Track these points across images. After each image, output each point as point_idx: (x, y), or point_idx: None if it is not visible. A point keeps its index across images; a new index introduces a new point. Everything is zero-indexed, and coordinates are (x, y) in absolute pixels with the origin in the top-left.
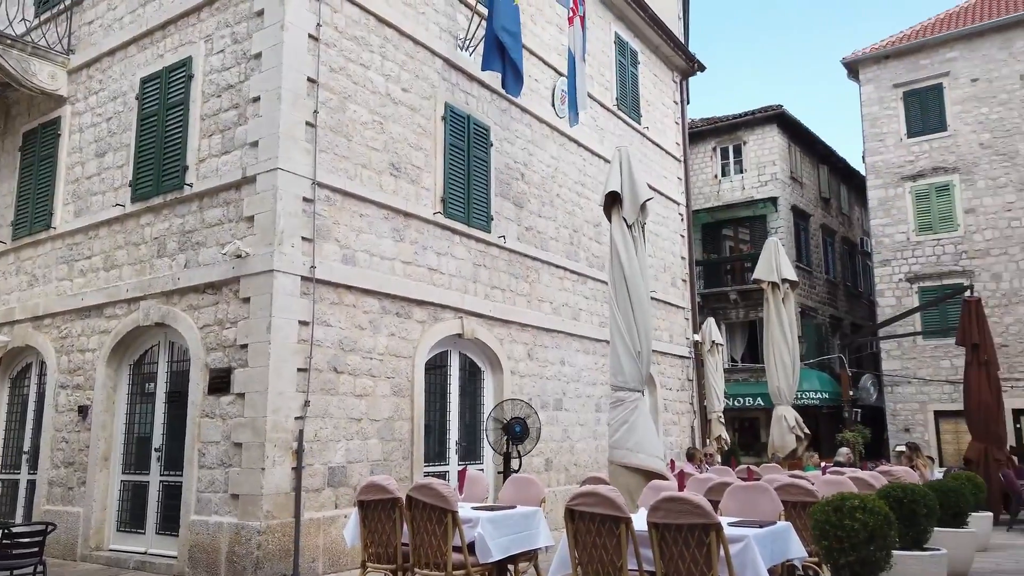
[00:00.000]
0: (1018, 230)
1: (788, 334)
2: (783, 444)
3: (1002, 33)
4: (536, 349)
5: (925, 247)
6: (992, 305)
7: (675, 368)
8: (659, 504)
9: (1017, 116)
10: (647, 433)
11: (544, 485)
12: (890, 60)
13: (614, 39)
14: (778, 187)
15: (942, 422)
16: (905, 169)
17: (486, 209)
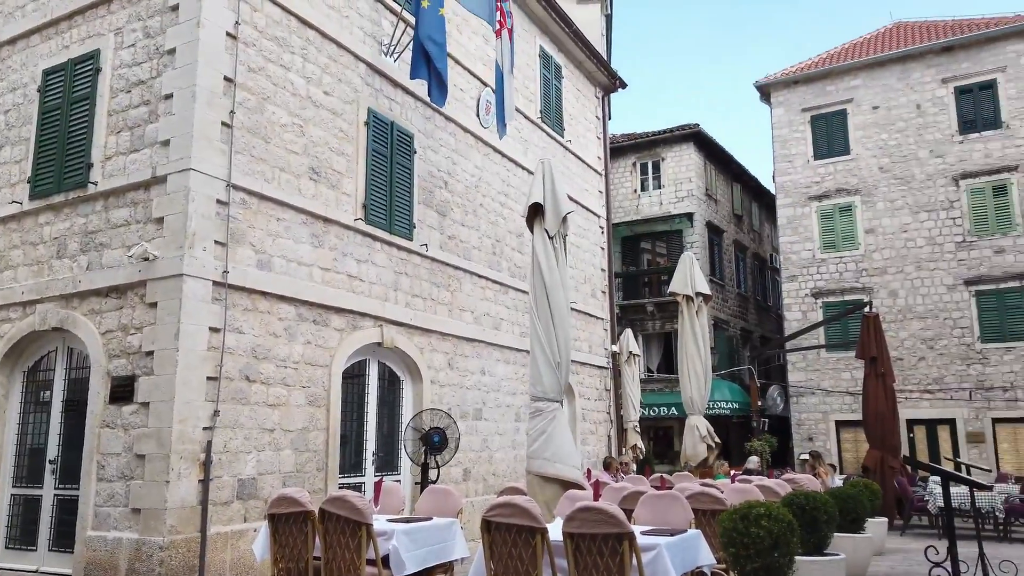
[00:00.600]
0: (913, 250)
1: (701, 346)
2: (695, 453)
3: (901, 64)
4: (457, 358)
5: (829, 264)
6: (889, 320)
7: (594, 378)
8: (575, 514)
9: (913, 143)
10: (565, 443)
11: (462, 496)
12: (799, 85)
13: (539, 52)
14: (694, 203)
15: (843, 431)
16: (812, 189)
17: (408, 217)
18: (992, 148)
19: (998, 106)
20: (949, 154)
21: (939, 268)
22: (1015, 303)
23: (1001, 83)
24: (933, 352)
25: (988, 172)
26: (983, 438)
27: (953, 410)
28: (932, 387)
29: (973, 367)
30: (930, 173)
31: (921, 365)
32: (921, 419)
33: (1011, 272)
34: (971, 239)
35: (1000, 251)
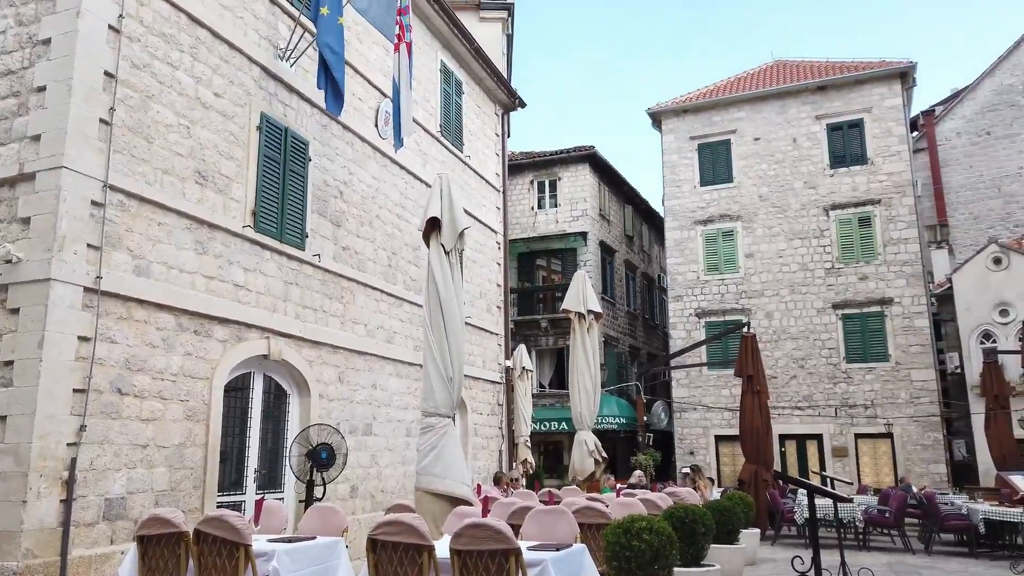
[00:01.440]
0: (787, 274)
1: (591, 362)
2: (583, 467)
3: (780, 100)
4: (348, 372)
5: (712, 285)
6: (765, 340)
7: (487, 393)
8: (462, 531)
9: (789, 174)
10: (455, 459)
11: (348, 513)
12: (688, 114)
13: (440, 67)
14: (588, 223)
15: (721, 445)
16: (698, 214)
17: (301, 226)
18: (859, 182)
19: (864, 143)
20: (821, 186)
21: (810, 292)
22: (876, 326)
23: (867, 122)
24: (804, 371)
25: (855, 204)
26: (847, 452)
27: (821, 426)
28: (802, 404)
29: (839, 385)
30: (804, 203)
31: (793, 383)
32: (792, 434)
33: (873, 298)
34: (839, 266)
35: (864, 278)
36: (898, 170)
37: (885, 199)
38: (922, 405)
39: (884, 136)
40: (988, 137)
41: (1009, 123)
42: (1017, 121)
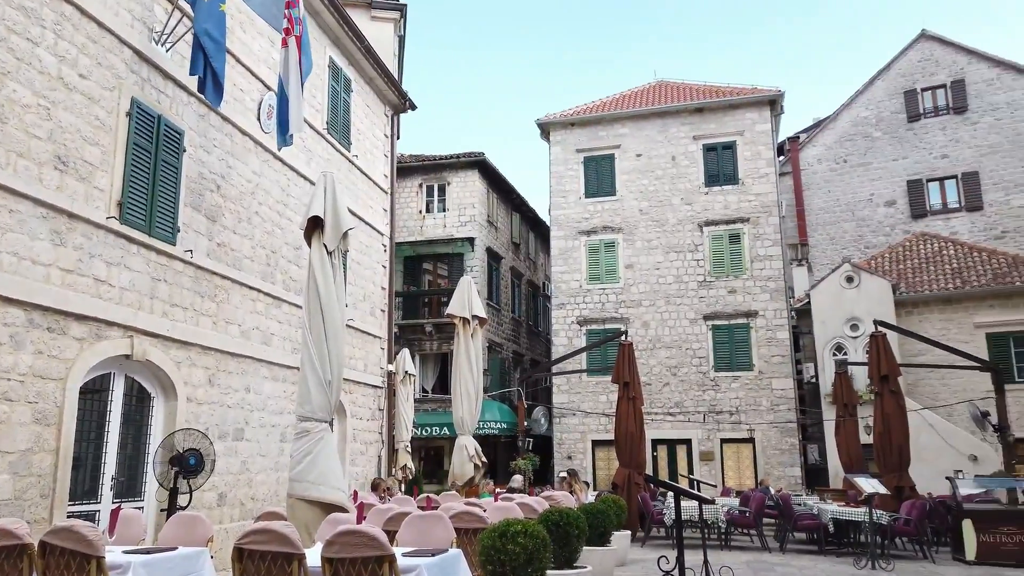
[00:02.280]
0: (663, 286)
1: (474, 367)
2: (463, 472)
3: (661, 119)
4: (219, 375)
5: (593, 294)
6: (641, 348)
7: (367, 397)
8: (335, 538)
9: (668, 190)
10: (331, 465)
11: (215, 522)
12: (575, 127)
13: (329, 63)
14: (476, 229)
15: (598, 450)
16: (582, 225)
17: (172, 219)
18: (730, 201)
19: (736, 165)
20: (696, 203)
21: (684, 303)
22: (742, 337)
23: (739, 145)
24: (676, 378)
25: (726, 221)
26: (713, 456)
27: (690, 431)
28: (674, 410)
29: (707, 392)
30: (680, 218)
31: (666, 390)
32: (664, 439)
33: (740, 310)
34: (710, 279)
35: (732, 291)
36: (765, 191)
37: (753, 218)
38: (781, 412)
39: (754, 159)
40: (845, 165)
41: (863, 153)
42: (870, 151)
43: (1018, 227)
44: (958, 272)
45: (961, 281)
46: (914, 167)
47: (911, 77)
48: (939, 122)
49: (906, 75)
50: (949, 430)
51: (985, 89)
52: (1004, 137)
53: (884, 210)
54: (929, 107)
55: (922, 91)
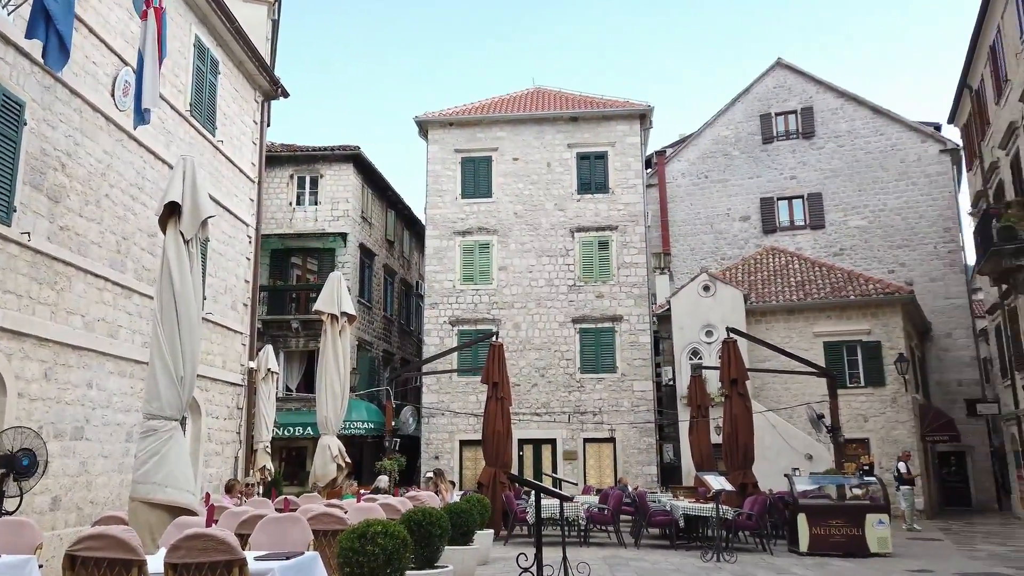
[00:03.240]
0: (536, 289)
1: (341, 365)
2: (325, 473)
3: (538, 125)
4: (57, 369)
5: (467, 295)
6: (512, 350)
7: (225, 395)
8: (180, 543)
9: (542, 195)
10: (180, 465)
11: (47, 528)
12: (454, 127)
13: (194, 42)
14: (349, 224)
15: (465, 450)
16: (457, 225)
17: (8, 198)
18: (600, 208)
19: (607, 174)
20: (569, 209)
21: (554, 306)
22: (607, 341)
23: (611, 155)
24: (544, 380)
25: (596, 228)
26: (576, 455)
27: (555, 431)
28: (541, 410)
29: (573, 394)
30: (553, 223)
31: (534, 391)
32: (530, 439)
33: (607, 314)
34: (580, 284)
35: (600, 296)
36: (634, 201)
37: (622, 226)
38: (640, 413)
39: (624, 169)
40: (706, 180)
41: (723, 170)
42: (728, 169)
43: (854, 245)
44: (801, 285)
45: (804, 293)
46: (767, 186)
47: (767, 102)
48: (790, 145)
49: (763, 99)
50: (789, 431)
51: (830, 117)
52: (844, 163)
53: (739, 224)
54: (782, 131)
55: (776, 115)
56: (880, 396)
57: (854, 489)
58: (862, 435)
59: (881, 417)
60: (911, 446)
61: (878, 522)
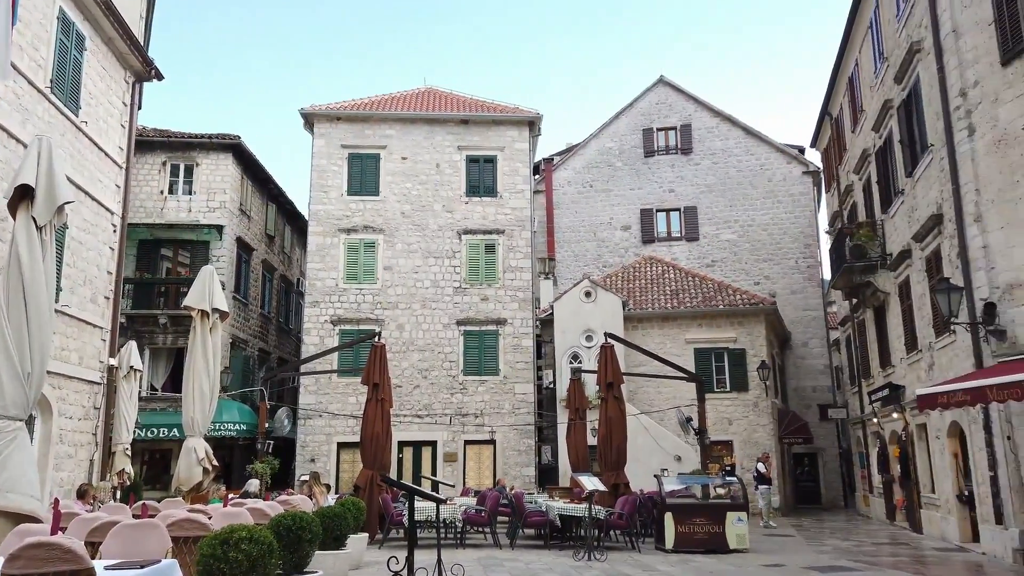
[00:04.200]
0: (421, 290)
1: (211, 364)
2: (189, 477)
3: (428, 125)
4: None
5: (350, 294)
6: (395, 351)
7: (81, 394)
8: (20, 552)
9: (431, 196)
10: (24, 469)
11: None
12: (342, 122)
13: (58, 14)
14: (226, 216)
15: (343, 452)
16: (342, 222)
17: None
18: (488, 212)
19: (496, 178)
20: (457, 211)
21: (439, 308)
22: (491, 343)
23: (500, 160)
24: (427, 381)
25: (483, 232)
26: (456, 457)
27: (436, 433)
28: (422, 412)
29: (456, 396)
30: (441, 225)
31: (416, 392)
32: (411, 441)
33: (491, 317)
34: (465, 286)
35: (485, 299)
36: (521, 206)
37: (508, 230)
38: (521, 415)
39: (512, 175)
40: (590, 189)
41: (606, 180)
42: (612, 179)
43: (724, 258)
44: (676, 294)
45: (677, 302)
46: (647, 197)
47: (649, 116)
48: (669, 160)
49: (645, 114)
50: (661, 433)
51: (707, 135)
52: (717, 179)
53: (621, 233)
54: (662, 145)
55: (657, 130)
56: (744, 400)
57: (718, 489)
58: (727, 437)
59: (744, 420)
60: (770, 448)
61: (737, 520)
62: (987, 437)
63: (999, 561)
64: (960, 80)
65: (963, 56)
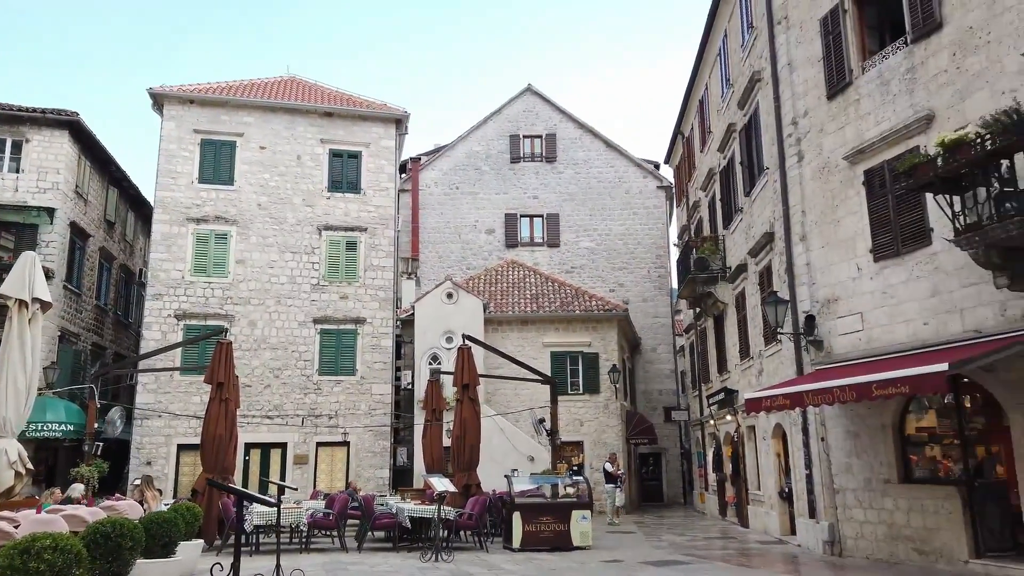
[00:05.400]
0: (276, 285)
1: (29, 359)
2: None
3: (290, 116)
4: None
5: (198, 287)
6: (245, 348)
7: None
8: None
9: (290, 188)
10: None
11: None
12: (195, 105)
13: None
14: (59, 198)
15: (183, 455)
16: (192, 211)
17: None
18: (351, 208)
19: (360, 175)
20: (318, 206)
21: (295, 305)
22: (349, 343)
23: (365, 156)
24: (279, 381)
25: (345, 228)
26: (307, 460)
27: (287, 435)
28: (272, 413)
29: (309, 396)
30: (300, 219)
31: (266, 392)
32: (259, 443)
33: (350, 316)
34: (324, 283)
35: (344, 297)
36: (385, 204)
37: (371, 228)
38: (377, 416)
39: (377, 172)
40: (457, 191)
41: (473, 183)
42: (479, 183)
43: (583, 264)
44: (535, 298)
45: (537, 306)
46: (512, 202)
47: (516, 123)
48: (534, 167)
49: (513, 121)
50: (516, 434)
51: (570, 145)
52: (579, 188)
53: (485, 237)
54: (528, 152)
55: (524, 137)
56: (595, 403)
57: (568, 488)
58: (579, 438)
59: (595, 422)
60: (617, 448)
61: (582, 518)
62: (804, 438)
63: (811, 552)
64: (793, 110)
65: (796, 88)
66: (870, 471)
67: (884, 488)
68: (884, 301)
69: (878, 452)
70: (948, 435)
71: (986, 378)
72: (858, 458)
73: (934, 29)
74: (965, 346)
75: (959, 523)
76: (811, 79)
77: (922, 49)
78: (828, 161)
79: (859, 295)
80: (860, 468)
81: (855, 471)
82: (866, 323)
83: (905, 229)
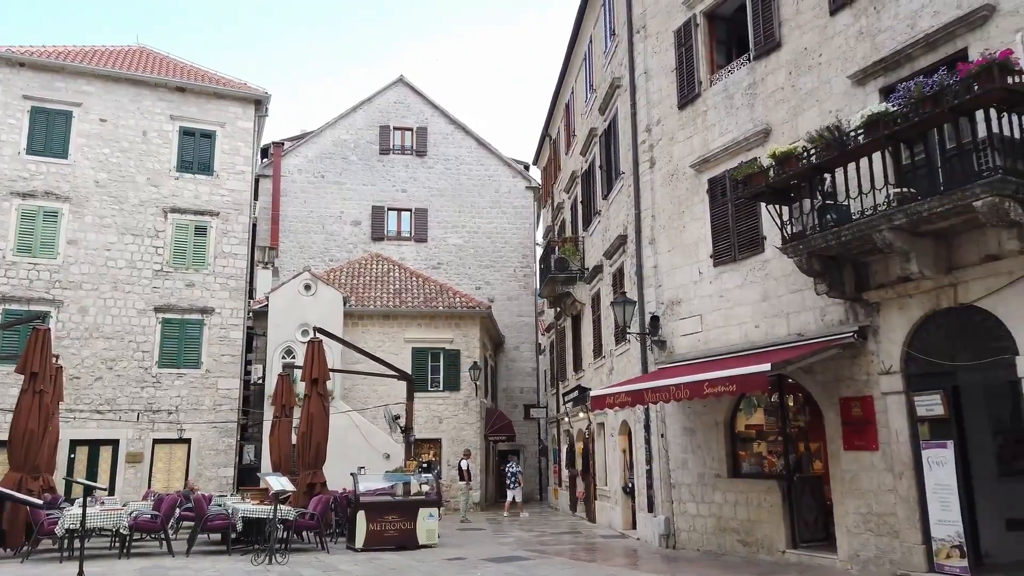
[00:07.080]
0: (113, 270)
1: None
2: None
3: (136, 88)
4: None
5: (21, 268)
6: (74, 337)
7: None
8: None
9: (134, 166)
10: None
11: None
12: (26, 69)
13: None
14: None
15: None
16: (17, 184)
17: None
18: (202, 191)
19: (213, 156)
20: (164, 186)
21: (134, 292)
22: (194, 334)
23: (219, 136)
24: (112, 373)
25: (195, 212)
26: (141, 458)
27: (120, 431)
28: (103, 407)
29: (147, 390)
30: (144, 200)
31: (97, 385)
32: (87, 439)
33: (196, 305)
34: (168, 270)
35: (191, 285)
36: (240, 188)
37: (224, 213)
38: (223, 412)
39: (233, 154)
40: (322, 180)
41: (339, 172)
42: (345, 172)
43: (450, 261)
44: (399, 293)
45: (399, 301)
46: (379, 195)
47: (387, 114)
48: (404, 160)
49: (384, 111)
50: (371, 431)
51: (442, 140)
52: (449, 184)
53: (350, 228)
54: (398, 145)
55: (394, 129)
56: (455, 400)
57: (423, 486)
58: (436, 435)
59: (454, 419)
60: (476, 445)
61: (429, 516)
62: (646, 435)
63: (649, 545)
64: (647, 117)
65: (651, 96)
66: (703, 466)
67: (715, 483)
68: (721, 304)
69: (711, 448)
70: (773, 432)
71: (806, 378)
72: (693, 454)
73: (774, 48)
74: (788, 348)
75: (779, 515)
76: (665, 88)
77: (763, 66)
78: (677, 168)
79: (700, 298)
80: (695, 463)
81: (690, 466)
82: (705, 325)
83: (742, 236)
